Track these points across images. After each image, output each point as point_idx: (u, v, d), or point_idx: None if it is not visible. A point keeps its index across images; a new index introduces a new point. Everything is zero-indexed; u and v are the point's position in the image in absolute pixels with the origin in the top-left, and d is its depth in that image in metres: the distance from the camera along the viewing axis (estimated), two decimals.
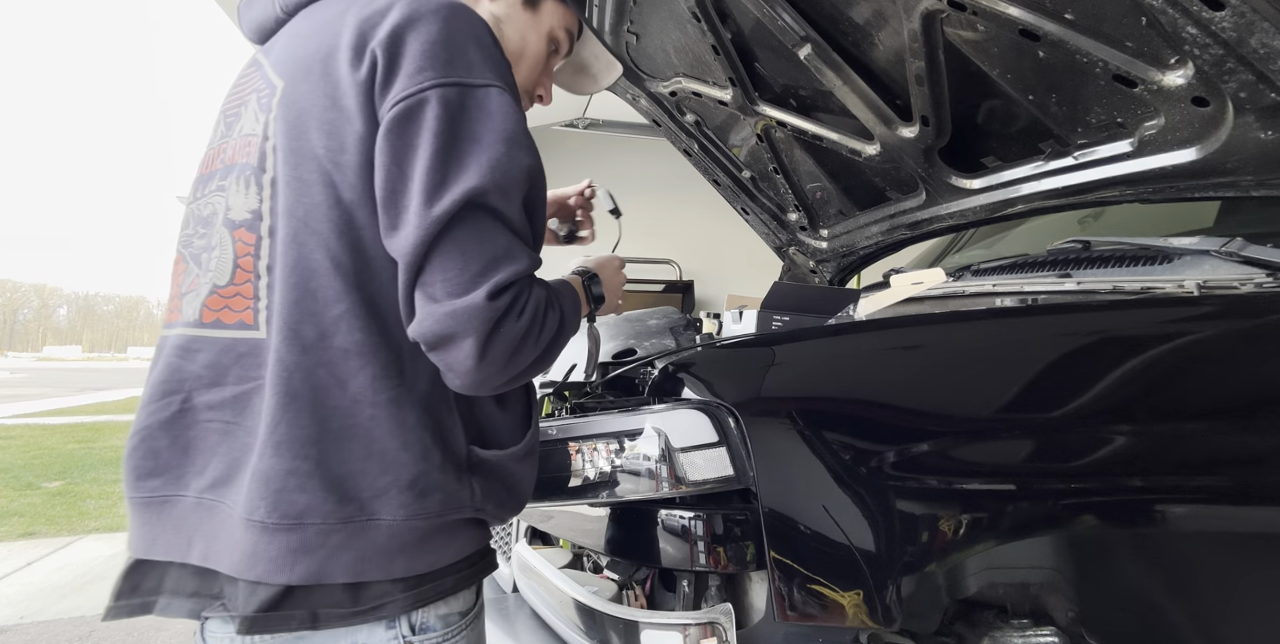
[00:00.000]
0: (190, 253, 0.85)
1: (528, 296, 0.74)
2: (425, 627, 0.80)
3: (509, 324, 0.72)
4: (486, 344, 0.71)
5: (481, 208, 0.73)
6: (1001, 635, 0.85)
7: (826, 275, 2.18)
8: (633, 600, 0.99)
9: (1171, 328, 0.94)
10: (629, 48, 1.89)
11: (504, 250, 0.73)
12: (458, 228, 0.72)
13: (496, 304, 0.71)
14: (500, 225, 0.74)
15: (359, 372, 0.75)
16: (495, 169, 0.73)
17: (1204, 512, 0.86)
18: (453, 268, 0.71)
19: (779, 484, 0.82)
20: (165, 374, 0.81)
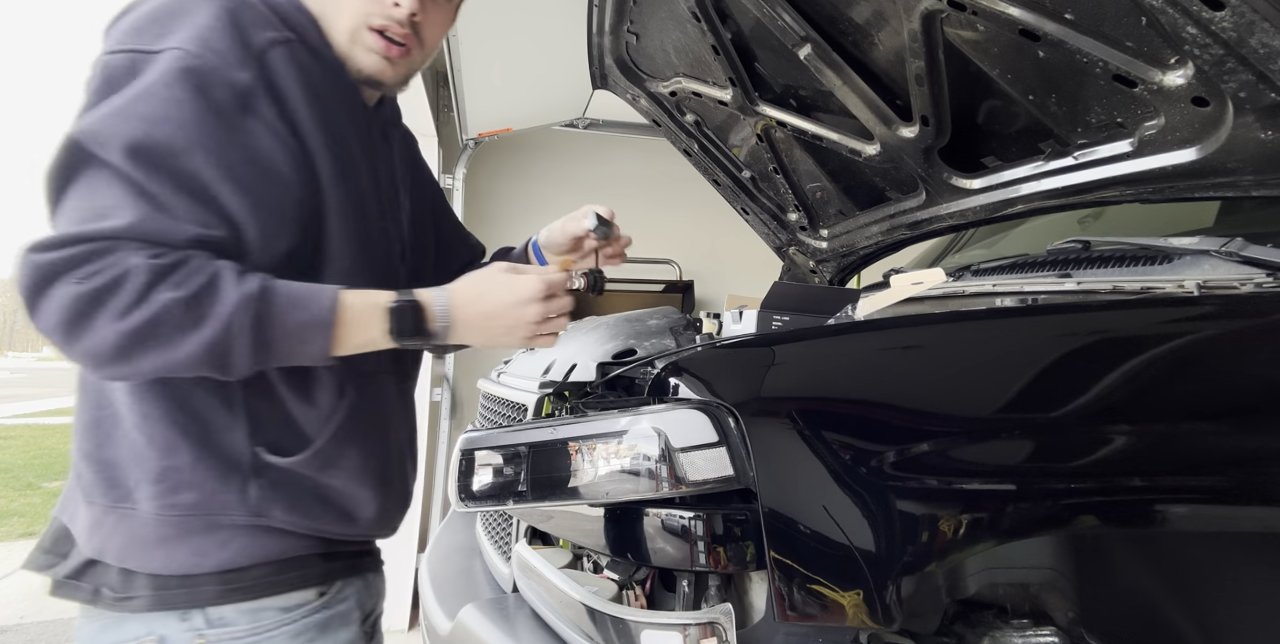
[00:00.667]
0: None
1: (110, 259, 0.66)
2: (222, 621, 0.79)
3: (65, 285, 0.65)
4: (35, 300, 0.65)
5: (92, 159, 0.69)
6: (1001, 635, 0.85)
7: (826, 275, 2.18)
8: (633, 600, 0.99)
9: (1171, 328, 0.94)
10: (629, 48, 1.89)
11: (102, 205, 0.68)
12: (75, 179, 0.70)
13: (50, 257, 0.65)
14: (115, 180, 0.69)
15: None
16: (101, 117, 0.70)
17: (1204, 512, 0.86)
18: (58, 220, 0.69)
19: (779, 484, 0.82)
20: None
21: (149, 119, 0.70)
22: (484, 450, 0.98)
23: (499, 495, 0.96)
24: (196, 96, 0.72)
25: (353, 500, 0.87)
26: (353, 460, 0.86)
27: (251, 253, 0.76)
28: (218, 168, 0.72)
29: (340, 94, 0.87)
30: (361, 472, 0.88)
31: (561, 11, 2.60)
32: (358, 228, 0.86)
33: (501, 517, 1.49)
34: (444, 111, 3.77)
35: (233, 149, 0.74)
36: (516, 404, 1.46)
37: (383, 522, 0.94)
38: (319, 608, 0.86)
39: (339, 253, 0.84)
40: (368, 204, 0.89)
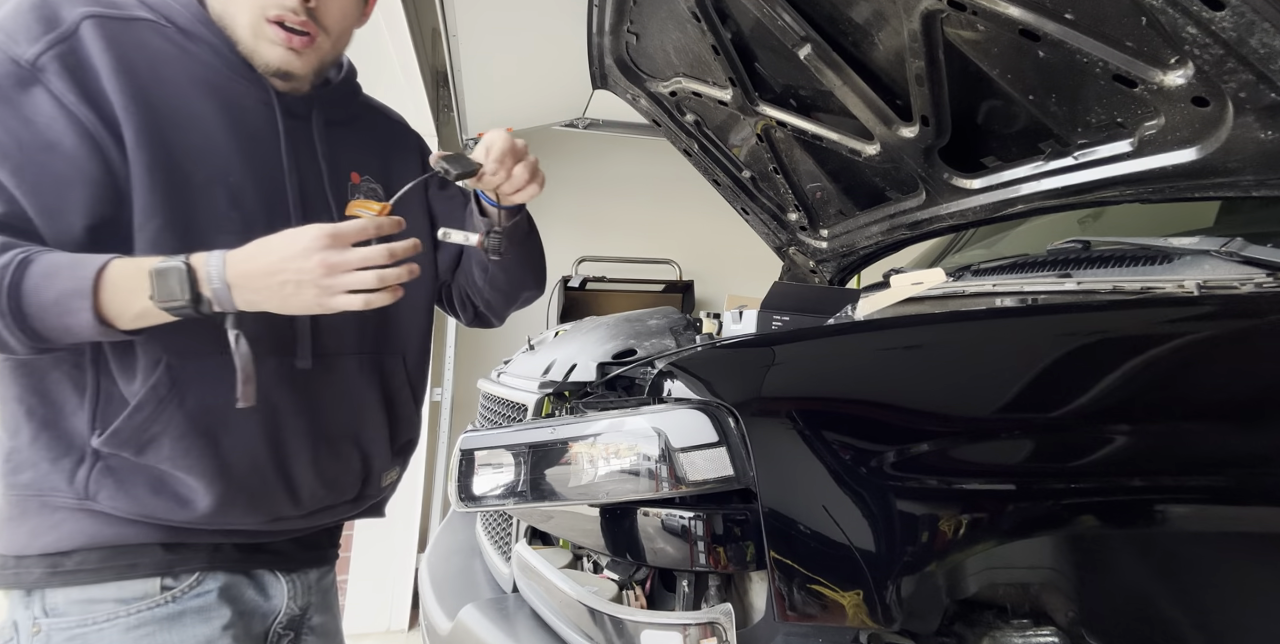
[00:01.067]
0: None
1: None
2: (56, 610, 0.79)
3: None
4: None
5: None
6: (1001, 635, 0.85)
7: (826, 275, 2.18)
8: (633, 600, 0.99)
9: (1171, 328, 0.94)
10: (629, 48, 1.89)
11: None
12: None
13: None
14: None
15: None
16: None
17: (1204, 512, 0.86)
18: None
19: (779, 484, 0.82)
20: None
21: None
22: (484, 450, 0.98)
23: (498, 495, 0.96)
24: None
25: (183, 486, 0.85)
26: (170, 444, 0.83)
27: (39, 227, 0.77)
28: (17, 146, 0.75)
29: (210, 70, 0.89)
30: (185, 456, 0.84)
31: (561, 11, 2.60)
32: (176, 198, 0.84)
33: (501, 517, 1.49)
34: (444, 111, 3.77)
35: (5, 123, 0.76)
36: (516, 404, 1.46)
37: (225, 512, 0.88)
38: (164, 601, 0.84)
39: (147, 219, 0.82)
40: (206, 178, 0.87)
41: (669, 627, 0.84)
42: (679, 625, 0.83)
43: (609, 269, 4.08)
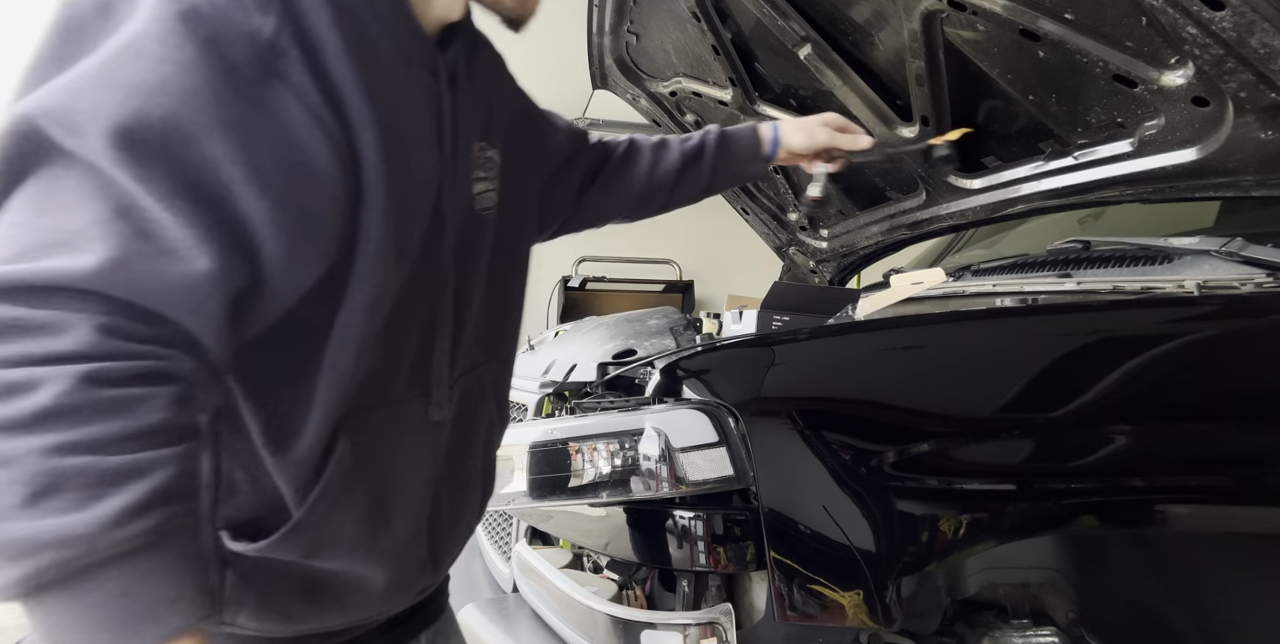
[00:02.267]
0: None
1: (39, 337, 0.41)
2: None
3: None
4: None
5: (46, 154, 0.45)
6: (1001, 635, 0.85)
7: (826, 275, 2.18)
8: (633, 600, 0.99)
9: (1171, 328, 0.94)
10: (629, 48, 1.89)
11: (64, 226, 0.44)
12: (26, 179, 0.45)
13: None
14: (86, 187, 0.44)
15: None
16: (69, 89, 0.45)
17: (1204, 512, 0.86)
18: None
19: (779, 484, 0.82)
20: None
21: (141, 90, 0.45)
22: None
23: (499, 495, 0.96)
24: (204, 54, 0.48)
25: (344, 584, 0.65)
26: (351, 533, 0.63)
27: (267, 281, 0.52)
28: (237, 162, 0.48)
29: (398, 37, 0.61)
30: (361, 544, 0.64)
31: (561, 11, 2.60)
32: (400, 236, 0.60)
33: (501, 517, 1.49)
34: None
35: (257, 133, 0.50)
36: (517, 404, 1.46)
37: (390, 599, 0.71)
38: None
39: (365, 279, 0.58)
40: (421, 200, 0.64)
41: (669, 627, 0.84)
42: (679, 625, 0.83)
43: (609, 269, 4.07)
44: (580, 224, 1.05)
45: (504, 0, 0.72)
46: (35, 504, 0.40)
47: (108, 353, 0.42)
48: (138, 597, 0.43)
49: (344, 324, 0.58)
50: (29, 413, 0.40)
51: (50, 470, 0.40)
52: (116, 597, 0.43)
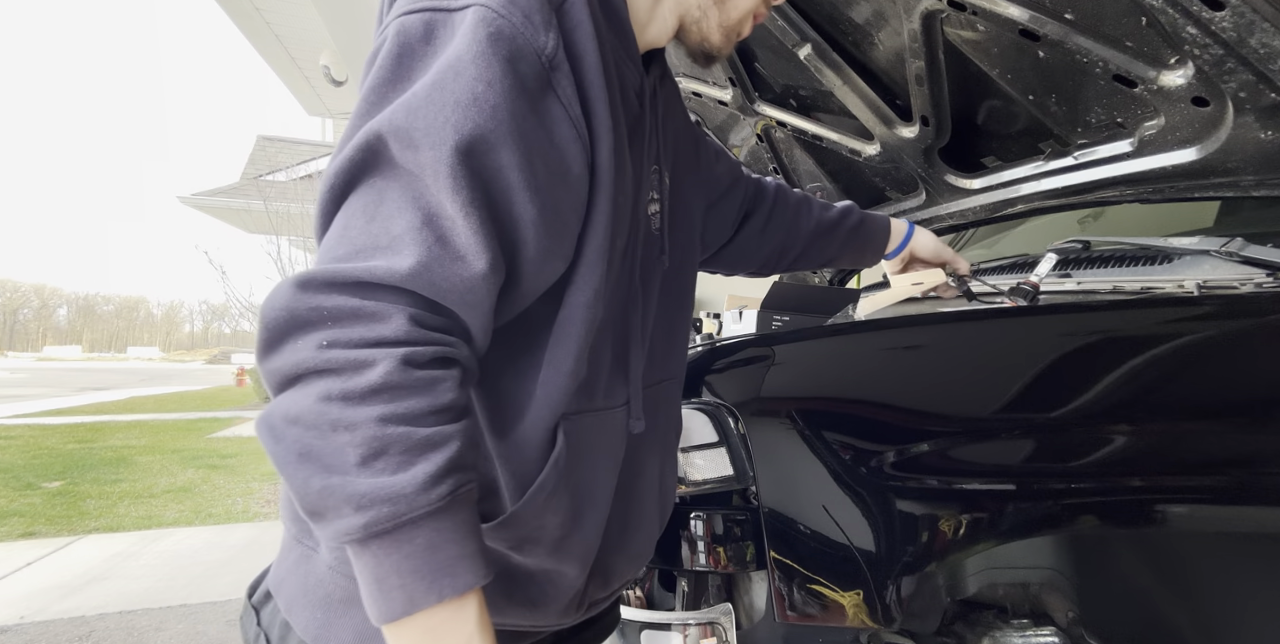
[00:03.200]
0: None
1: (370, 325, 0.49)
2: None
3: (306, 338, 0.49)
4: (267, 345, 0.50)
5: (382, 162, 0.53)
6: (1001, 635, 0.85)
7: (826, 275, 2.18)
8: (633, 600, 0.99)
9: (1171, 328, 0.94)
10: None
11: (388, 236, 0.51)
12: (354, 187, 0.53)
13: (307, 299, 0.49)
14: (407, 197, 0.52)
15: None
16: (403, 107, 0.52)
17: (1204, 512, 0.86)
18: (325, 245, 0.53)
19: (779, 484, 0.82)
20: None
21: (461, 106, 0.51)
22: None
23: None
24: (507, 72, 0.53)
25: (543, 581, 0.67)
26: (556, 530, 0.65)
27: (521, 278, 0.58)
28: (521, 170, 0.54)
29: (621, 58, 0.66)
30: (563, 542, 0.66)
31: None
32: (612, 242, 0.64)
33: None
34: None
35: (536, 142, 0.55)
36: None
37: (573, 603, 0.71)
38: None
39: (586, 279, 0.62)
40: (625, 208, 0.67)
41: (669, 627, 0.84)
42: (679, 625, 0.83)
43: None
44: (725, 262, 1.08)
45: (711, 38, 0.75)
46: (367, 464, 0.48)
47: (418, 339, 0.50)
48: (440, 550, 0.50)
49: (566, 320, 0.62)
50: (367, 386, 0.48)
51: (381, 437, 0.48)
52: (424, 549, 0.49)
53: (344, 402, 0.48)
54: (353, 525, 0.48)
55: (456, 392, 0.52)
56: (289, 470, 0.48)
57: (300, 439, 0.48)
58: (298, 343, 0.49)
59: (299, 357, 0.49)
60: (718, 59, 0.77)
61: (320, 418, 0.48)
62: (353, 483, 0.47)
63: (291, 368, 0.49)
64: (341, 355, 0.48)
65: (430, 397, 0.50)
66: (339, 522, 0.48)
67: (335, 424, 0.48)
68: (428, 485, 0.49)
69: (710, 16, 0.73)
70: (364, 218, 0.52)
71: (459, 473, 0.51)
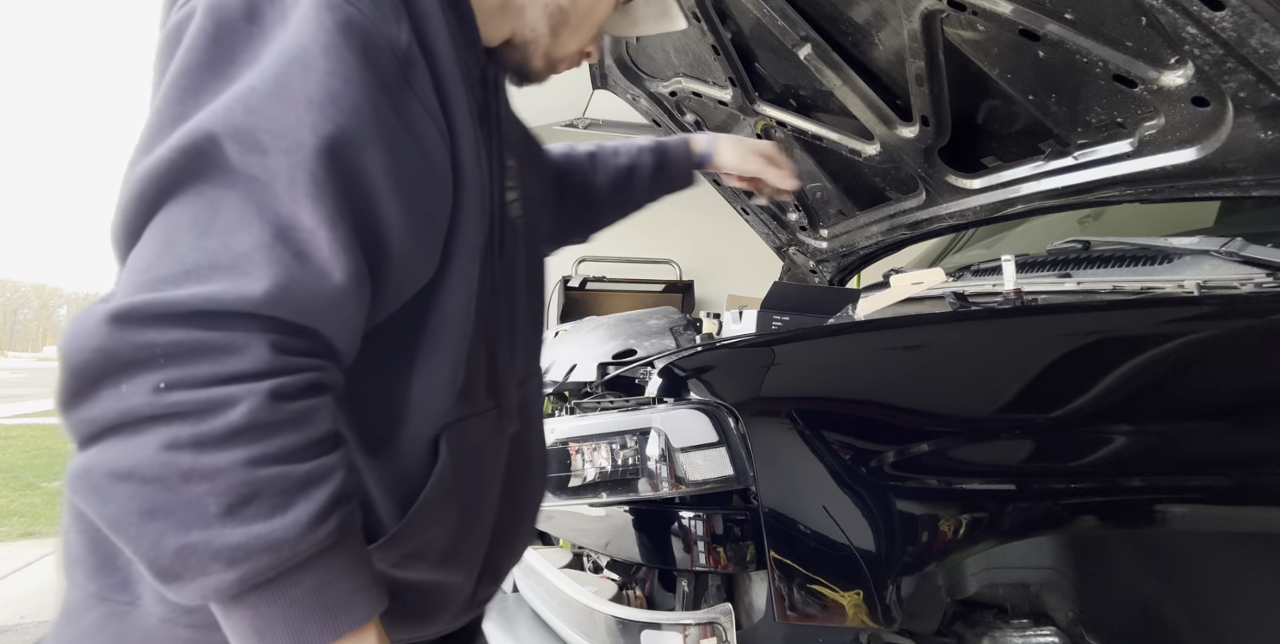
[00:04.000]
0: None
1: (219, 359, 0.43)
2: None
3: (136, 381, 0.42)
4: (76, 392, 0.43)
5: (215, 167, 0.45)
6: (1001, 635, 0.85)
7: (826, 275, 2.18)
8: (633, 600, 0.99)
9: (1171, 328, 0.94)
10: (629, 48, 1.89)
11: (230, 254, 0.44)
12: (175, 194, 0.45)
13: (130, 336, 0.42)
14: (250, 208, 0.45)
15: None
16: (240, 104, 0.45)
17: (1204, 512, 0.86)
18: (139, 259, 0.45)
19: (779, 484, 0.82)
20: None
21: (315, 105, 0.46)
22: None
23: None
24: (364, 67, 0.48)
25: (430, 592, 0.64)
26: (441, 545, 0.63)
27: (386, 291, 0.54)
28: (387, 173, 0.50)
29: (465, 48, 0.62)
30: (449, 558, 0.64)
31: None
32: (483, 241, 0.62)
33: None
34: None
35: (400, 142, 0.51)
36: None
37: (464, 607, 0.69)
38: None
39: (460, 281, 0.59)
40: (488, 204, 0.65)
41: (669, 626, 0.84)
42: (679, 625, 0.83)
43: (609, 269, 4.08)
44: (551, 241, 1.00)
45: (532, 61, 0.72)
46: (235, 513, 0.43)
47: (284, 368, 0.45)
48: (331, 589, 0.47)
49: (440, 327, 0.58)
50: (227, 429, 0.43)
51: (249, 481, 0.43)
52: (313, 592, 0.46)
53: (195, 449, 0.42)
54: (224, 582, 0.43)
55: (331, 419, 0.47)
56: (130, 532, 0.43)
57: (138, 495, 0.42)
58: (121, 388, 0.42)
59: (125, 403, 0.42)
60: (531, 83, 0.75)
61: (166, 469, 0.42)
62: (220, 536, 0.43)
63: (115, 417, 0.43)
64: (188, 397, 0.42)
65: (306, 429, 0.46)
66: (204, 580, 0.43)
67: (188, 475, 0.42)
68: (312, 525, 0.45)
69: (540, 42, 0.71)
70: (193, 232, 0.45)
71: (344, 505, 0.47)
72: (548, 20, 0.70)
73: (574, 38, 0.73)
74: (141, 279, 0.44)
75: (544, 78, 0.76)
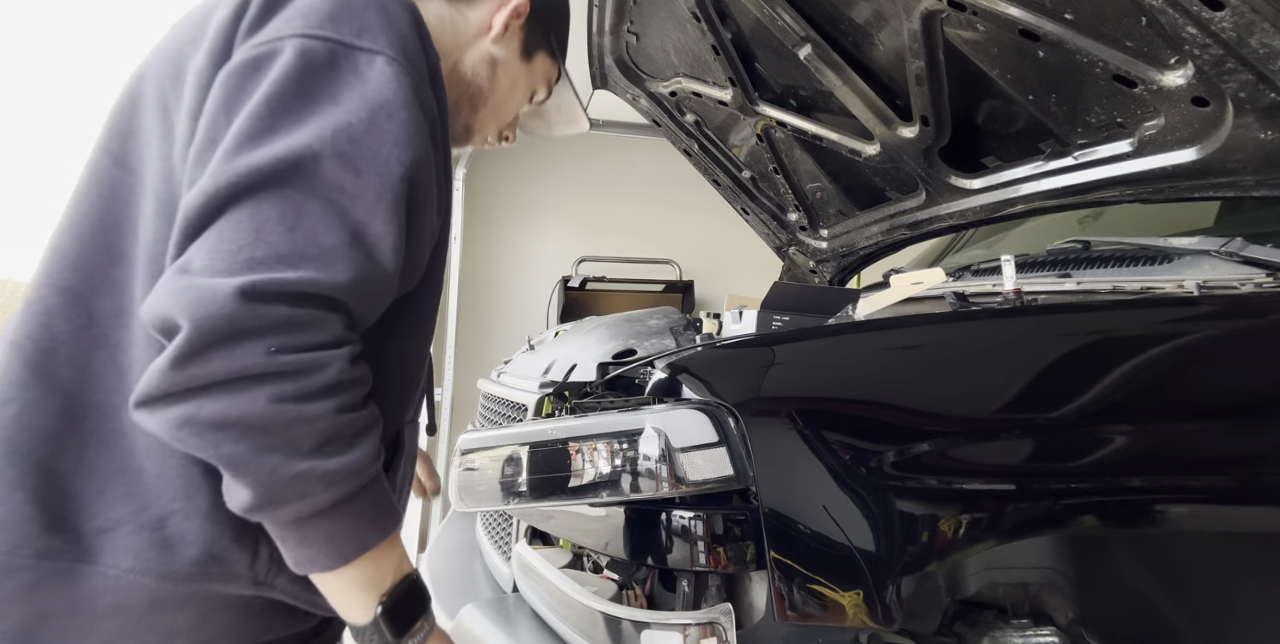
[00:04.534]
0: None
1: (313, 331, 0.54)
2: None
3: (250, 345, 0.52)
4: (197, 351, 0.51)
5: (309, 178, 0.56)
6: (1001, 635, 0.85)
7: (826, 275, 2.18)
8: (633, 600, 0.99)
9: (1171, 328, 0.94)
10: (629, 48, 1.89)
11: (317, 247, 0.55)
12: (265, 192, 0.55)
13: (254, 309, 0.52)
14: (332, 213, 0.56)
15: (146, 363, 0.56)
16: (344, 134, 0.57)
17: (1204, 512, 0.86)
18: (230, 240, 0.54)
19: (779, 484, 0.82)
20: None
21: (400, 143, 0.60)
22: (484, 450, 0.98)
23: (499, 495, 0.96)
24: (423, 124, 0.63)
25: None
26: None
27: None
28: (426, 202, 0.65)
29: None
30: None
31: None
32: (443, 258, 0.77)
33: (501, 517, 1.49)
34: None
35: (435, 183, 0.66)
36: (516, 404, 1.46)
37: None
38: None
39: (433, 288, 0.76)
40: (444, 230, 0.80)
41: (669, 626, 0.84)
42: (679, 625, 0.83)
43: (609, 269, 4.08)
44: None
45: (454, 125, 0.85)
46: (323, 449, 0.55)
47: (350, 340, 0.58)
48: (380, 503, 0.62)
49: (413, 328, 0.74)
50: (323, 384, 0.54)
51: (335, 424, 0.56)
52: (371, 505, 0.61)
53: (297, 400, 0.53)
54: (321, 500, 0.56)
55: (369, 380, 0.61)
56: (247, 468, 0.53)
57: (246, 437, 0.53)
58: (236, 349, 0.52)
59: (241, 362, 0.52)
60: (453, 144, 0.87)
61: (276, 417, 0.53)
62: (320, 465, 0.55)
63: (229, 373, 0.52)
64: (293, 359, 0.53)
65: (363, 387, 0.59)
66: (303, 501, 0.56)
67: (293, 420, 0.53)
68: (375, 456, 0.59)
69: (461, 114, 0.86)
70: (282, 225, 0.55)
71: (381, 445, 0.62)
72: (469, 98, 0.85)
73: (492, 118, 0.90)
74: (237, 258, 0.53)
75: (462, 143, 0.92)
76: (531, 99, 0.95)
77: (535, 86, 0.94)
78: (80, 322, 0.62)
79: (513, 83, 0.89)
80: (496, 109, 0.89)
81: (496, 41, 0.83)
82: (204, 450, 0.53)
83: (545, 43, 0.91)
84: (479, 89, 0.85)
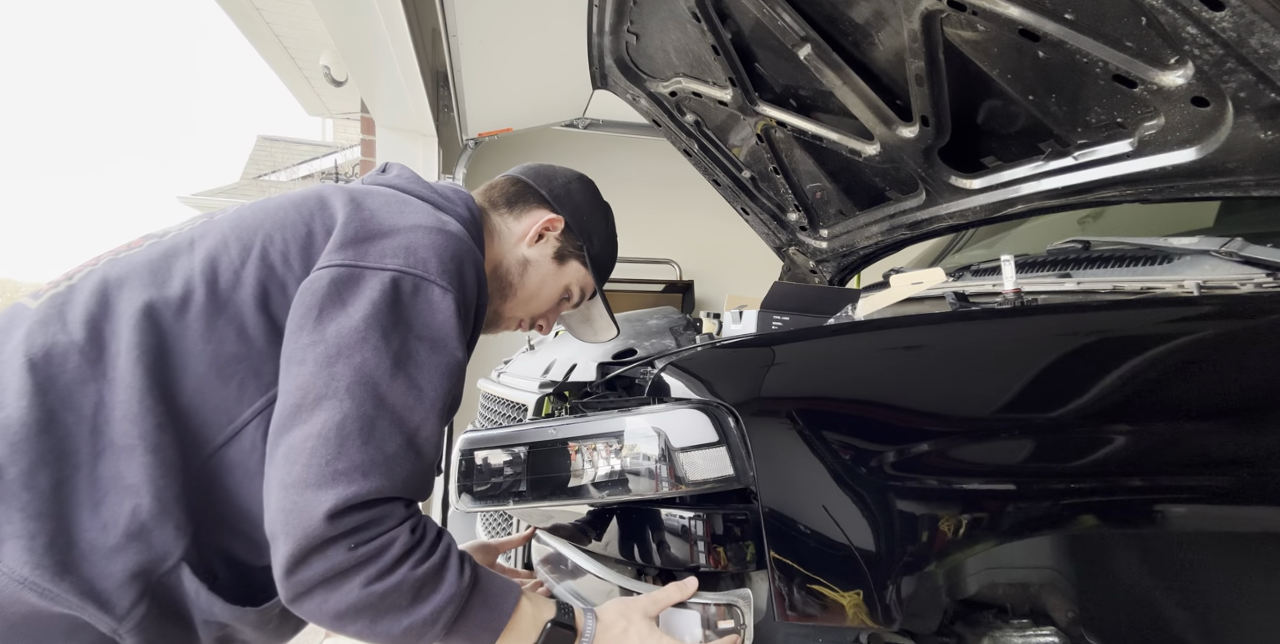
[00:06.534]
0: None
1: (382, 528, 0.71)
2: None
3: (336, 548, 0.68)
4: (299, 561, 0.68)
5: (373, 399, 0.72)
6: (1001, 635, 0.85)
7: (826, 275, 2.18)
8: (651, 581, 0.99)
9: (1171, 328, 0.94)
10: (629, 48, 1.89)
11: (383, 455, 0.72)
12: (346, 407, 0.71)
13: (338, 524, 0.68)
14: (394, 424, 0.73)
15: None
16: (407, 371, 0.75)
17: (1204, 512, 0.86)
18: (324, 452, 0.70)
19: (779, 484, 0.82)
20: None
21: (447, 373, 0.78)
22: (484, 450, 0.98)
23: (499, 495, 0.96)
24: (464, 344, 0.82)
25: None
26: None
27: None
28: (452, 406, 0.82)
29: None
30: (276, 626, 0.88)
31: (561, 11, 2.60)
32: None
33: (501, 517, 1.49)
34: (444, 111, 3.77)
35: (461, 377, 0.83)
36: (516, 404, 1.46)
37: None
38: None
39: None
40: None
41: (688, 605, 0.84)
42: (698, 604, 0.84)
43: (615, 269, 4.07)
44: None
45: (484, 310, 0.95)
46: (419, 597, 0.72)
47: (412, 514, 0.74)
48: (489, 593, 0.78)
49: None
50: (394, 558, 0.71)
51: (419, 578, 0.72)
52: (482, 602, 0.77)
53: (382, 577, 0.69)
54: (437, 630, 0.72)
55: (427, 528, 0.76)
56: (374, 636, 0.70)
57: (362, 616, 0.70)
58: (326, 552, 0.68)
59: (332, 563, 0.68)
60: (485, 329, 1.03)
61: (371, 595, 0.69)
62: (420, 612, 0.71)
63: (325, 573, 0.68)
64: (368, 549, 0.69)
65: (428, 540, 0.74)
66: (426, 637, 0.72)
67: (385, 592, 0.69)
68: (460, 574, 0.75)
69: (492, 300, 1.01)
70: (359, 438, 0.71)
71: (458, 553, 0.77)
72: (500, 290, 1.04)
73: (522, 308, 1.08)
74: (327, 470, 0.69)
75: (494, 328, 1.08)
76: (568, 300, 1.12)
77: (569, 288, 1.10)
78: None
79: (542, 280, 1.07)
80: (526, 301, 1.07)
81: (530, 245, 1.05)
82: (344, 632, 0.70)
83: (578, 254, 1.09)
84: (509, 283, 1.05)
